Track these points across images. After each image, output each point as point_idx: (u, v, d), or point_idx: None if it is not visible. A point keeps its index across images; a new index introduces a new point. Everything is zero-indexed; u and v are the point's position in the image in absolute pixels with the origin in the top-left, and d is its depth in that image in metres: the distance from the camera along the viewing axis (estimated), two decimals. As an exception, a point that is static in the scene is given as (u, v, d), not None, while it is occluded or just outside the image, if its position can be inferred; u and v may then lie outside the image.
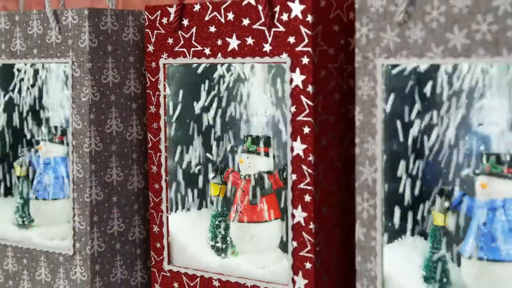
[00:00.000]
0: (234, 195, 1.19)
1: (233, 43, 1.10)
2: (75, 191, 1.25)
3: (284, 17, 1.05)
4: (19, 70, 1.41)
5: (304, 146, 1.04)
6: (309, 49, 1.03)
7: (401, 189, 1.02)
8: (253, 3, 1.08)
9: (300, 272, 1.06)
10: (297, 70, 1.04)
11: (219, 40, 1.11)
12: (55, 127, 1.36)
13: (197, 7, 1.13)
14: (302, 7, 1.03)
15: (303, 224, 1.05)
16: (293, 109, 1.05)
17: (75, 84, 1.24)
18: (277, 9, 1.05)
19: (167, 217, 1.20)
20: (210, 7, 1.12)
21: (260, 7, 1.07)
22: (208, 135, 1.25)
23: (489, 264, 0.95)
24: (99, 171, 1.25)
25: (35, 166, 1.39)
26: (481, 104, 0.99)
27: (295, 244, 1.06)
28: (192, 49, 1.14)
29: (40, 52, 1.29)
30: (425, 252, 1.01)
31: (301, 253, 1.06)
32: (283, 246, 1.15)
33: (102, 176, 1.25)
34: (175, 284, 1.18)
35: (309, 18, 1.03)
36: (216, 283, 1.14)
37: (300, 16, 1.04)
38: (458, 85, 1.01)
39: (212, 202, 1.23)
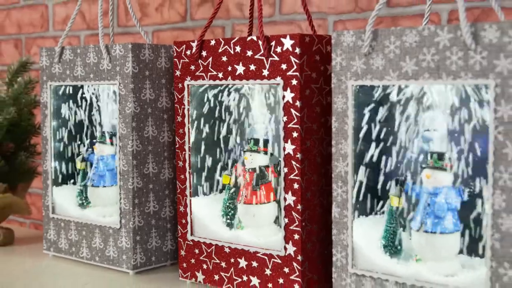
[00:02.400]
0: (240, 184, 1.18)
1: (240, 69, 1.10)
2: (121, 180, 1.25)
3: (278, 49, 1.05)
4: (79, 89, 1.40)
5: (293, 146, 1.04)
6: (297, 73, 1.03)
7: (367, 179, 1.01)
8: (255, 39, 1.07)
9: (291, 241, 1.06)
10: (288, 89, 1.04)
11: (229, 66, 1.11)
12: (107, 132, 1.36)
13: (212, 42, 1.13)
14: (292, 42, 1.03)
15: (293, 205, 1.05)
16: (285, 118, 1.05)
17: (121, 100, 1.24)
18: (273, 43, 1.05)
19: (190, 200, 1.19)
20: (223, 42, 1.12)
21: (260, 42, 1.06)
22: (221, 138, 1.24)
23: (432, 235, 0.95)
24: (139, 165, 1.25)
25: (91, 161, 1.38)
26: (427, 115, 0.99)
27: (286, 220, 1.06)
28: (209, 73, 1.14)
29: (95, 76, 1.28)
30: (384, 226, 1.00)
31: (291, 227, 1.05)
32: (278, 222, 1.15)
33: (141, 169, 1.25)
34: (196, 250, 1.18)
35: (297, 50, 1.03)
36: (227, 250, 1.14)
37: (290, 49, 1.03)
38: (410, 101, 1.00)
39: (223, 189, 1.22)
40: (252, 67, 1.08)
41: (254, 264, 1.10)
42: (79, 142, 1.42)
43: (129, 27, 1.61)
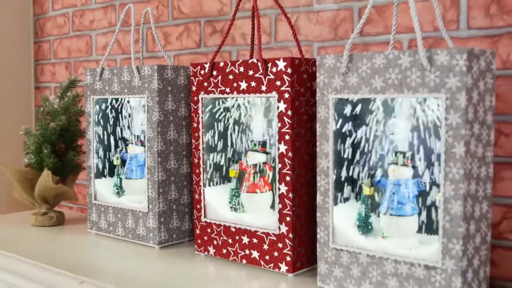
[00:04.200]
0: (243, 176, 1.18)
1: (243, 85, 1.09)
2: (148, 174, 1.25)
3: (274, 69, 1.04)
4: (116, 102, 1.40)
5: (286, 147, 1.04)
6: (289, 89, 1.03)
7: (344, 173, 1.01)
8: (255, 61, 1.07)
9: (284, 222, 1.05)
10: (282, 101, 1.04)
11: (235, 83, 1.11)
12: (138, 136, 1.36)
13: (221, 64, 1.13)
14: (284, 63, 1.03)
15: (285, 194, 1.05)
16: (279, 124, 1.04)
17: (149, 110, 1.24)
18: (269, 65, 1.05)
19: (204, 190, 1.19)
20: (229, 64, 1.11)
21: (259, 64, 1.06)
22: (229, 140, 1.24)
23: (396, 218, 0.95)
24: (163, 162, 1.24)
25: (125, 159, 1.38)
26: (392, 122, 0.98)
27: (280, 206, 1.05)
28: (219, 88, 1.14)
29: (128, 91, 1.28)
30: (358, 210, 1.00)
31: (284, 211, 1.05)
32: (273, 207, 1.14)
33: (165, 165, 1.25)
34: (208, 230, 1.18)
35: (289, 70, 1.02)
36: (233, 229, 1.13)
37: (283, 69, 1.03)
38: (378, 110, 1.00)
39: (230, 181, 1.22)
40: (253, 83, 1.08)
41: (255, 240, 1.10)
42: (115, 144, 1.42)
43: (155, 52, 1.61)
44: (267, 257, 1.08)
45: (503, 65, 1.01)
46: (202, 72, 1.16)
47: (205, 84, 1.16)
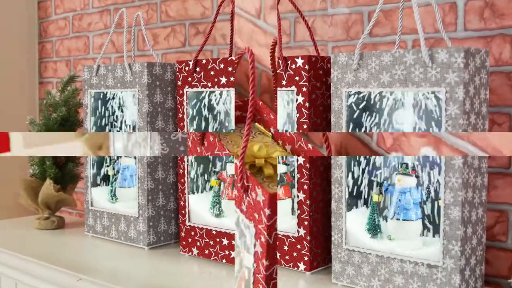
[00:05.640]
0: (223, 185, 1.21)
1: (223, 80, 1.14)
2: (139, 183, 1.27)
3: (293, 66, 1.08)
4: (109, 95, 1.40)
5: (304, 158, 1.07)
6: (306, 83, 1.07)
7: (356, 182, 1.03)
8: (233, 58, 1.12)
9: (302, 226, 1.08)
10: (300, 94, 1.08)
11: (216, 78, 1.15)
12: (129, 125, 1.37)
13: (204, 61, 1.17)
14: (302, 61, 1.07)
15: (303, 200, 1.08)
16: (297, 115, 1.08)
17: (139, 102, 1.27)
18: (289, 62, 1.09)
19: (188, 197, 1.22)
20: (211, 61, 1.16)
21: (280, 61, 1.10)
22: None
23: (401, 222, 0.99)
24: (152, 172, 1.26)
25: (119, 169, 1.39)
26: (398, 112, 1.00)
27: (299, 211, 1.09)
28: (201, 83, 1.18)
29: (121, 86, 1.31)
30: (368, 215, 1.02)
31: (302, 216, 1.09)
32: (293, 212, 1.15)
33: (153, 175, 1.26)
34: (192, 233, 1.21)
35: (306, 67, 1.07)
36: (214, 232, 1.17)
37: (301, 66, 1.07)
38: (386, 102, 1.01)
39: (211, 189, 1.24)
40: (232, 78, 1.12)
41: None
42: (110, 156, 1.43)
43: (145, 51, 1.67)
44: (287, 257, 1.11)
45: (496, 63, 1.08)
46: (187, 68, 1.20)
47: (189, 79, 1.20)
